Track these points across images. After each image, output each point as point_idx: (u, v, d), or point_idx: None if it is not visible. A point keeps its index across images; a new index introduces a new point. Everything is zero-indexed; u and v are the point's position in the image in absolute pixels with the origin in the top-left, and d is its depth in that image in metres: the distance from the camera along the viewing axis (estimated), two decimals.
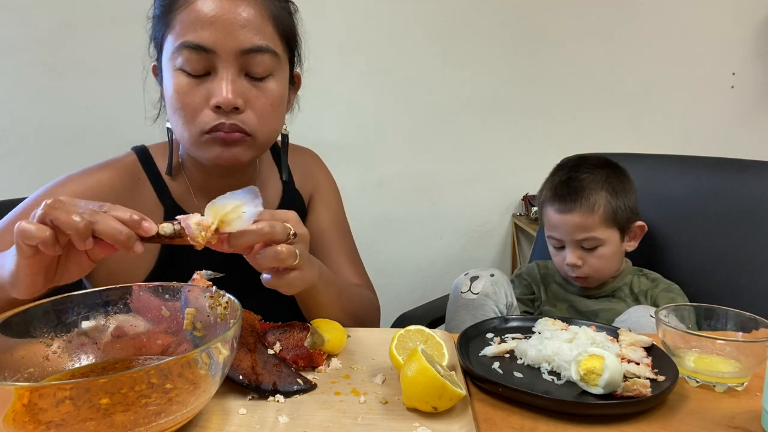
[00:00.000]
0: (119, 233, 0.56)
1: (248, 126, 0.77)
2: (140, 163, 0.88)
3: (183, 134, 0.79)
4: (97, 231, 0.56)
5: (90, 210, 0.56)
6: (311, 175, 1.02)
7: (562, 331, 0.76)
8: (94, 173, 0.84)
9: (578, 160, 1.21)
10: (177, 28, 0.75)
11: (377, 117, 2.36)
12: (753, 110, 2.35)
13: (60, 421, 0.47)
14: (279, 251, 0.64)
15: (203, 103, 0.76)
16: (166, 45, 0.77)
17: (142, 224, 0.58)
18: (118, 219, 0.57)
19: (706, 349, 0.69)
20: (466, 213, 2.45)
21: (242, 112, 0.76)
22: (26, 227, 0.55)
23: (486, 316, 1.09)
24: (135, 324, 0.68)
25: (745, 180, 1.20)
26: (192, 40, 0.73)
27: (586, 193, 1.13)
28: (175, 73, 0.76)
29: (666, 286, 1.17)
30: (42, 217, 0.55)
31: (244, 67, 0.76)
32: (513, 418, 0.61)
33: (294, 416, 0.60)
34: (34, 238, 0.54)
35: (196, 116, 0.76)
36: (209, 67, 0.75)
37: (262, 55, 0.76)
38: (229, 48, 0.74)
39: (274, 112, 0.80)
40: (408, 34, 2.30)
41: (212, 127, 0.76)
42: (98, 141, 2.22)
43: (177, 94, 0.76)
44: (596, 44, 2.32)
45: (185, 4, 0.74)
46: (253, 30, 0.75)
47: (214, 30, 0.73)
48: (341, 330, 0.75)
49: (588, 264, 1.16)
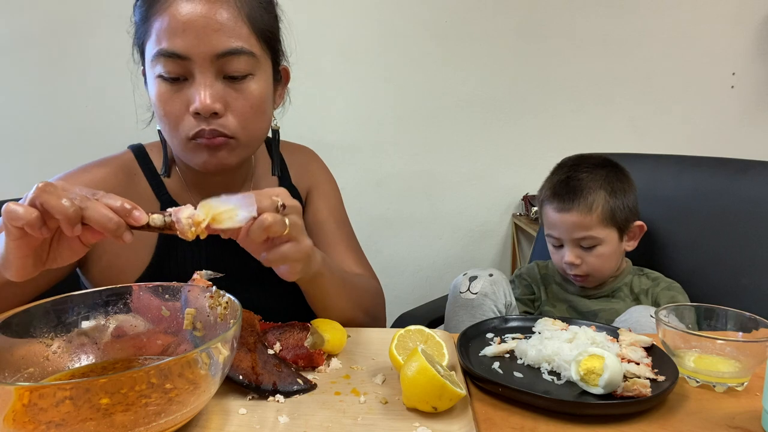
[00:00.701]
0: (109, 221, 0.55)
1: (229, 129, 0.77)
2: (136, 160, 0.89)
3: (171, 140, 0.80)
4: (87, 217, 0.55)
5: (81, 196, 0.56)
6: (308, 171, 1.02)
7: (562, 331, 0.76)
8: (90, 170, 0.85)
9: (578, 159, 1.22)
10: (154, 35, 0.75)
11: (377, 117, 2.36)
12: (753, 110, 2.35)
13: (60, 421, 0.47)
14: (265, 219, 0.62)
15: (184, 109, 0.76)
16: (147, 52, 0.78)
17: (133, 213, 0.57)
18: (108, 207, 0.56)
19: (706, 349, 0.69)
20: (466, 213, 2.45)
21: (222, 116, 0.77)
22: (13, 208, 0.54)
23: (485, 315, 1.09)
24: (135, 324, 0.68)
25: (746, 180, 1.20)
26: (166, 48, 0.74)
27: (585, 192, 1.13)
28: (156, 81, 0.77)
29: (667, 285, 1.17)
30: (32, 199, 0.55)
31: (221, 70, 0.76)
32: (513, 418, 0.61)
33: (294, 416, 0.60)
34: (20, 220, 0.54)
35: (179, 123, 0.77)
36: (186, 73, 0.75)
37: (238, 56, 0.76)
38: (204, 53, 0.74)
39: (256, 113, 0.80)
40: (408, 34, 2.30)
41: (194, 133, 0.76)
42: (98, 140, 2.21)
43: (159, 102, 0.77)
44: (596, 44, 2.32)
45: (160, 10, 0.75)
46: (227, 33, 0.75)
47: (187, 36, 0.73)
48: (341, 330, 0.75)
49: (586, 263, 1.16)
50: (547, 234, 1.21)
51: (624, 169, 1.20)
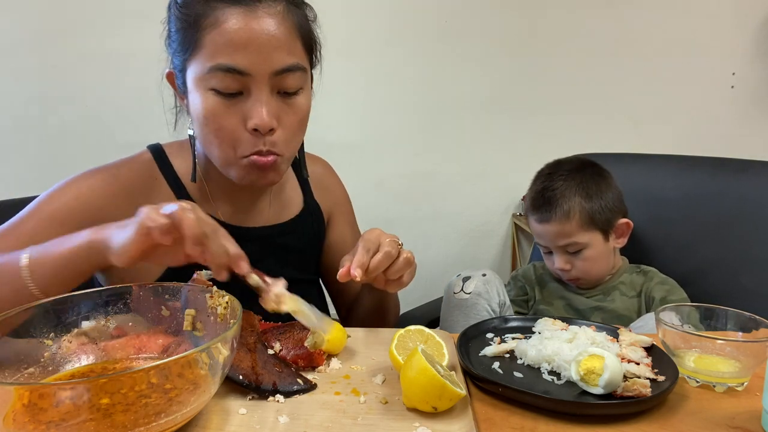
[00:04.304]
0: (220, 257, 0.63)
1: (278, 147, 0.78)
2: (156, 162, 0.88)
3: (216, 154, 0.79)
4: (207, 245, 0.63)
5: (211, 225, 0.64)
6: (327, 188, 1.04)
7: (562, 331, 0.76)
8: (110, 169, 0.85)
9: (554, 166, 1.22)
10: (208, 48, 0.74)
11: (377, 117, 2.36)
12: (753, 110, 2.35)
13: (60, 421, 0.47)
14: (408, 258, 0.77)
15: (239, 125, 0.76)
16: (195, 63, 0.76)
17: (239, 262, 0.65)
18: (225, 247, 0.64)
19: (706, 349, 0.69)
20: (466, 213, 2.45)
21: (275, 131, 0.77)
22: (154, 215, 0.62)
23: (479, 315, 1.10)
24: (135, 324, 0.68)
25: (746, 180, 1.20)
26: (226, 63, 0.73)
27: (560, 201, 1.14)
28: (207, 94, 0.75)
29: (661, 280, 1.17)
30: (172, 213, 0.62)
31: (276, 86, 0.76)
32: (513, 418, 0.61)
33: (294, 416, 0.60)
34: (154, 222, 0.61)
35: (233, 139, 0.77)
36: (242, 88, 0.75)
37: (294, 73, 0.77)
38: (264, 70, 0.74)
39: (301, 126, 0.82)
40: (408, 34, 2.30)
41: (251, 153, 0.77)
42: (99, 141, 2.22)
43: (211, 116, 0.76)
44: (596, 44, 2.32)
45: (215, 23, 0.73)
46: (285, 50, 0.75)
47: (248, 52, 0.73)
48: (341, 330, 0.75)
49: (576, 267, 1.17)
50: (536, 242, 1.23)
51: (601, 170, 1.20)
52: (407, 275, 0.80)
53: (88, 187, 0.81)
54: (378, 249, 0.75)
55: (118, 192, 0.82)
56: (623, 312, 1.17)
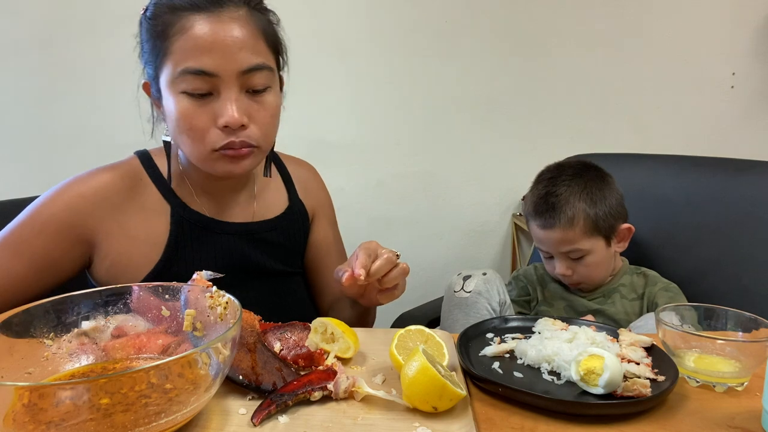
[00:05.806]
0: None
1: (254, 139, 0.82)
2: (143, 166, 0.92)
3: (191, 151, 0.83)
4: None
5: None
6: (311, 190, 1.08)
7: (562, 331, 0.76)
8: (98, 175, 0.88)
9: (556, 170, 1.20)
10: (177, 54, 0.78)
11: (377, 117, 2.36)
12: (753, 110, 2.35)
13: (60, 421, 0.47)
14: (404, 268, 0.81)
15: (209, 123, 0.80)
16: (165, 70, 0.80)
17: None
18: None
19: (706, 349, 0.69)
20: (466, 213, 2.45)
21: (247, 127, 0.81)
22: None
23: (479, 314, 1.09)
24: (135, 324, 0.68)
25: (746, 180, 1.20)
26: (194, 66, 0.77)
27: (564, 208, 1.12)
28: (179, 97, 0.79)
29: (664, 285, 1.17)
30: None
31: (244, 85, 0.80)
32: (513, 418, 0.61)
33: (294, 416, 0.60)
34: None
35: (205, 136, 0.80)
36: (212, 89, 0.79)
37: (260, 72, 0.81)
38: (230, 70, 0.78)
39: (274, 121, 0.86)
40: (408, 34, 2.30)
41: (223, 145, 0.80)
42: (100, 143, 2.21)
43: (183, 117, 0.80)
44: (596, 44, 2.31)
45: (181, 30, 0.77)
46: (249, 50, 0.79)
47: (214, 55, 0.77)
48: (357, 338, 0.75)
49: (577, 273, 1.16)
50: (537, 246, 1.22)
51: (604, 173, 1.19)
52: (400, 286, 0.84)
53: (78, 194, 0.85)
54: (377, 256, 0.79)
55: (107, 196, 0.86)
56: (623, 315, 1.16)
